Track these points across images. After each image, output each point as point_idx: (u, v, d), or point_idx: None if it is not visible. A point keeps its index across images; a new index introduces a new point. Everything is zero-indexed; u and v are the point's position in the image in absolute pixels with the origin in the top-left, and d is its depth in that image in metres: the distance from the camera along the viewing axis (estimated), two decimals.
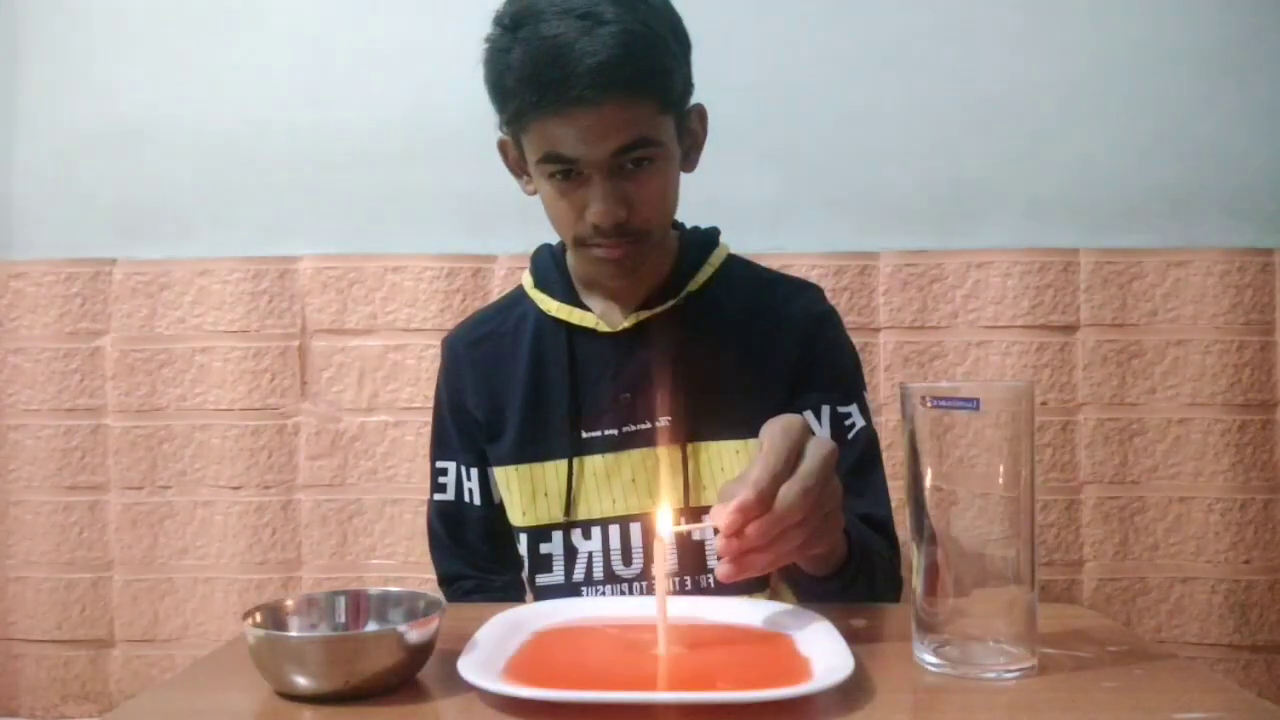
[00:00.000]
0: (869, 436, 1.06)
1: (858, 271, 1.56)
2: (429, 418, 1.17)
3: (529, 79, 0.90)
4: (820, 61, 1.57)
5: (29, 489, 1.60)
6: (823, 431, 1.04)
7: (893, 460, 1.56)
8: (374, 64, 1.60)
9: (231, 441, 1.58)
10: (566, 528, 1.05)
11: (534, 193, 1.04)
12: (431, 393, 1.18)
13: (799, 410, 1.01)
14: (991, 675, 0.66)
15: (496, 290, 1.56)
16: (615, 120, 0.91)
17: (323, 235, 1.60)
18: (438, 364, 1.14)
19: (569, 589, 1.05)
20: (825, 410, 1.05)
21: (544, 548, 1.06)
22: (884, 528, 1.01)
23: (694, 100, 1.02)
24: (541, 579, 1.07)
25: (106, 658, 1.60)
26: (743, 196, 1.53)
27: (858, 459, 1.04)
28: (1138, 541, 1.54)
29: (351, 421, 1.58)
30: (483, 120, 1.56)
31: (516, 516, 1.08)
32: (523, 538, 1.07)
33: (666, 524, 0.73)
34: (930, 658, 0.68)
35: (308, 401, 1.59)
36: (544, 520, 1.06)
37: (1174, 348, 1.54)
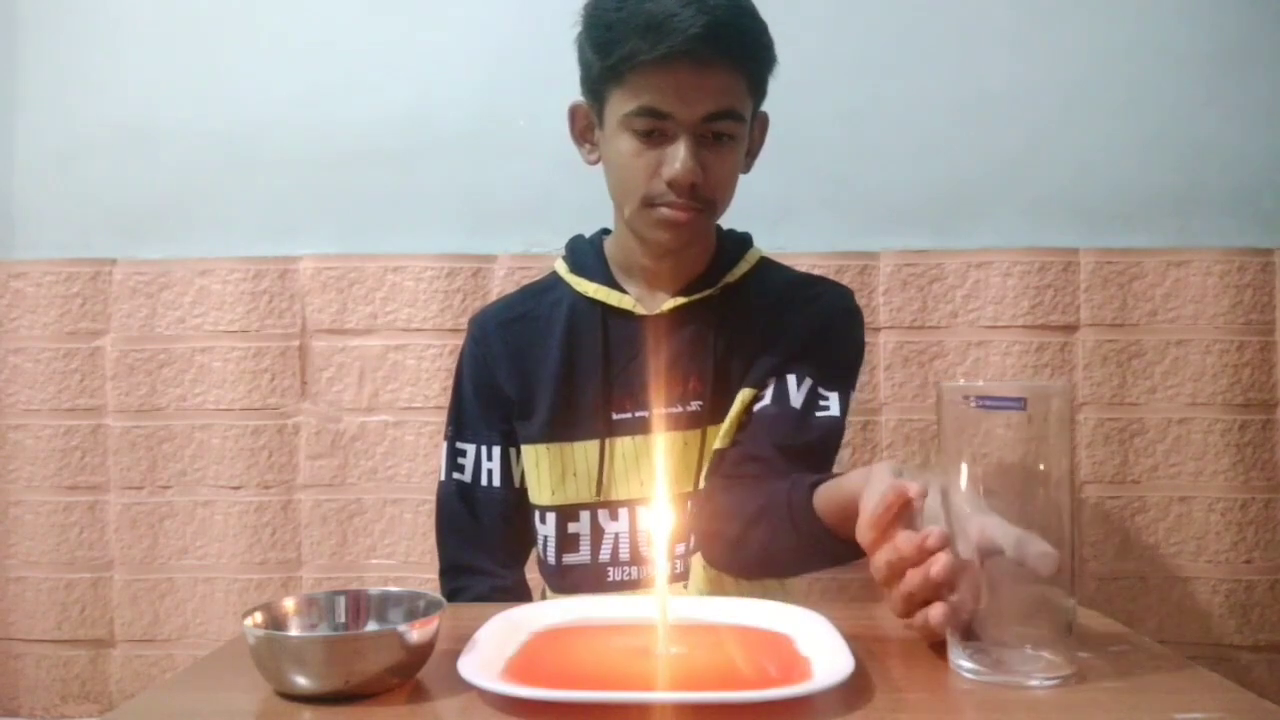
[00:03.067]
0: (834, 428, 1.05)
1: (858, 271, 1.56)
2: (430, 418, 1.18)
3: (645, 27, 0.94)
4: (820, 61, 1.57)
5: (29, 489, 1.60)
6: (796, 397, 1.04)
7: (896, 457, 1.56)
8: (374, 64, 1.60)
9: (231, 441, 1.58)
10: (594, 508, 1.06)
11: (595, 161, 1.06)
12: (432, 392, 1.18)
13: (780, 373, 1.03)
14: (1034, 683, 0.64)
15: (496, 290, 1.55)
16: (716, 84, 0.96)
17: (323, 235, 1.60)
18: (438, 364, 1.15)
19: (595, 569, 1.06)
20: (807, 383, 1.05)
21: (572, 527, 1.07)
22: None
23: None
24: (569, 558, 1.07)
25: (106, 658, 1.60)
26: (743, 196, 1.52)
27: (817, 440, 1.03)
28: (1138, 541, 1.54)
29: (351, 421, 1.58)
30: (483, 120, 1.56)
31: (544, 496, 1.08)
32: (549, 517, 1.08)
33: (665, 517, 0.73)
34: (967, 664, 0.66)
35: (308, 401, 1.59)
36: (572, 500, 1.07)
37: (1174, 348, 1.54)
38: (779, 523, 0.89)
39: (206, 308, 1.59)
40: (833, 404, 1.05)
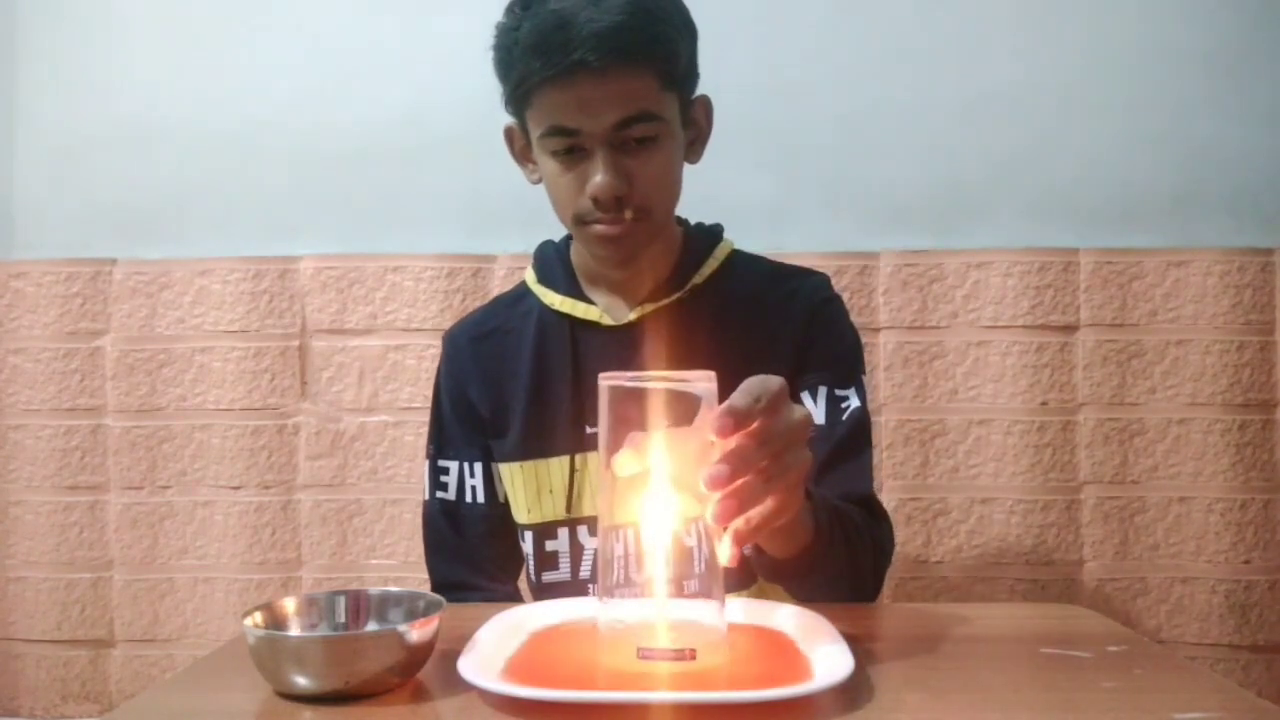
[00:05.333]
0: (860, 416, 1.04)
1: (858, 271, 1.56)
2: (428, 417, 1.17)
3: (534, 47, 0.91)
4: (820, 61, 1.57)
5: (29, 489, 1.60)
6: (818, 411, 1.02)
7: (893, 463, 1.56)
8: (374, 64, 1.60)
9: (231, 441, 1.58)
10: (571, 524, 1.05)
11: (538, 181, 1.03)
12: (431, 392, 1.17)
13: (797, 391, 1.00)
14: None
15: (496, 290, 1.55)
16: (618, 91, 0.92)
17: (323, 235, 1.60)
18: (437, 364, 1.14)
19: (575, 586, 1.05)
20: (822, 391, 1.03)
21: (549, 545, 1.06)
22: (866, 503, 1.00)
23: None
24: (548, 576, 1.06)
25: (106, 658, 1.60)
26: (742, 196, 1.53)
27: (845, 435, 1.02)
28: (1138, 541, 1.54)
29: (351, 421, 1.58)
30: (483, 120, 1.56)
31: (521, 514, 1.07)
32: (528, 535, 1.07)
33: (662, 523, 0.73)
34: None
35: (308, 401, 1.59)
36: (549, 517, 1.06)
37: (1174, 348, 1.54)
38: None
39: (206, 308, 1.59)
40: (852, 397, 1.04)
